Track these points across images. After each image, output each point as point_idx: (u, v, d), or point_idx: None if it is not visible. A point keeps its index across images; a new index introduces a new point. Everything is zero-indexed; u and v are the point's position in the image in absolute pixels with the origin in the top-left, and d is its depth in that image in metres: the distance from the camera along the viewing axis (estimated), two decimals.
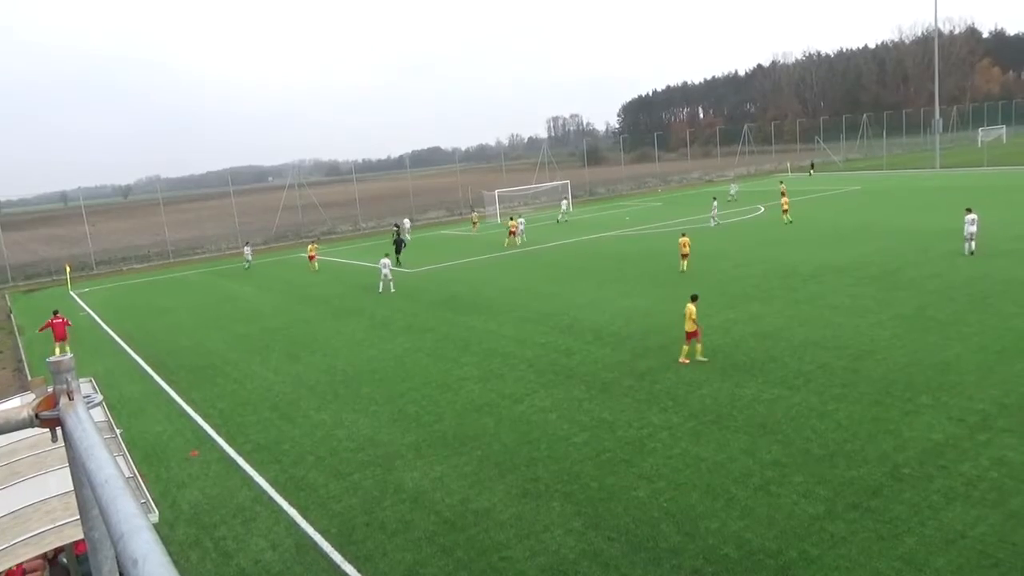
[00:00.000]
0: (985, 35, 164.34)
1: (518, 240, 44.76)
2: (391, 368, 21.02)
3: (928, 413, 14.24)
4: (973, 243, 28.79)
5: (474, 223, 56.40)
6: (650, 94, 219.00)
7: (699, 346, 18.71)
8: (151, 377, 22.73)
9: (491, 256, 41.42)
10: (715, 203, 47.23)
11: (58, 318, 26.57)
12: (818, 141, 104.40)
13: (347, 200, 72.58)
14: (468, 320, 25.91)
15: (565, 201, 62.44)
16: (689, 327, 18.51)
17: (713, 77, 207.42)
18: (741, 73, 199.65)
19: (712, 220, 45.16)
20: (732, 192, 63.45)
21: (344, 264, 44.97)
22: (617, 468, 13.27)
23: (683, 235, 31.83)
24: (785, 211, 43.38)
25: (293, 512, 12.90)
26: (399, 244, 42.63)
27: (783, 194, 46.57)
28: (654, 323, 22.79)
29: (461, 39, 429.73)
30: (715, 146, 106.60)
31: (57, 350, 26.50)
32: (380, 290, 31.73)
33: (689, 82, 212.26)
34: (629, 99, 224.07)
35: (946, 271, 26.25)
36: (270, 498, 13.55)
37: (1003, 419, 13.65)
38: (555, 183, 71.76)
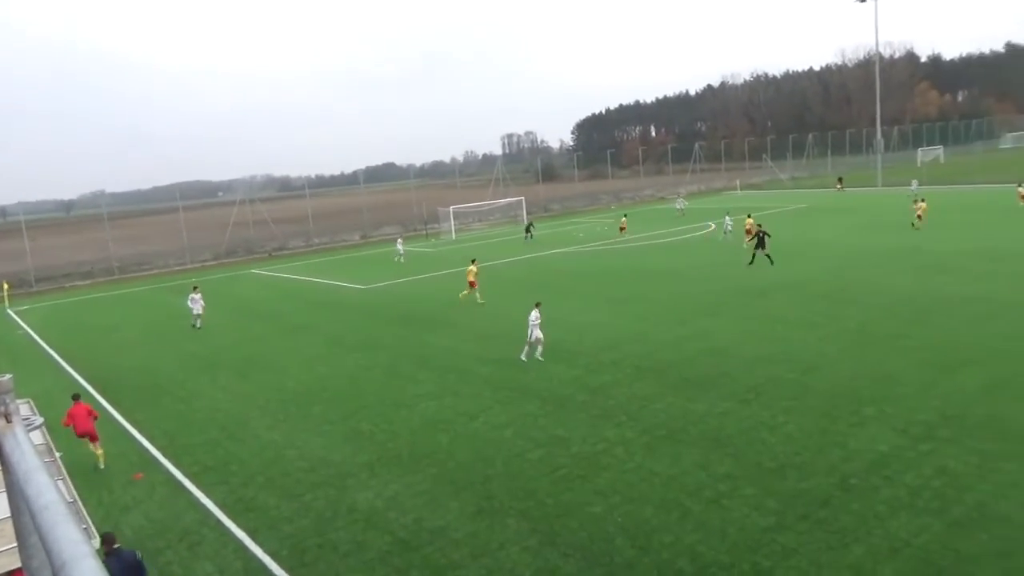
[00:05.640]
0: (923, 59, 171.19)
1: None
2: (344, 386, 20.74)
3: (873, 425, 14.62)
4: None
5: (622, 228, 52.57)
6: (603, 112, 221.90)
7: None
8: (94, 398, 21.98)
9: (447, 272, 41.31)
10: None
11: None
12: (766, 159, 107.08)
13: (299, 216, 71.71)
14: (424, 337, 25.75)
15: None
16: None
17: (664, 96, 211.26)
18: (692, 93, 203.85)
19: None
20: (679, 207, 65.56)
21: (297, 280, 44.35)
22: (572, 484, 13.28)
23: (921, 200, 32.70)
24: (920, 217, 41.96)
25: (242, 535, 12.58)
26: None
27: (921, 200, 44.50)
28: (607, 338, 22.97)
29: (415, 55, 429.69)
30: (667, 164, 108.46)
31: None
32: (534, 355, 21.41)
33: (641, 101, 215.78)
34: (583, 117, 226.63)
35: (890, 287, 27.07)
36: (218, 521, 13.20)
37: (944, 429, 14.08)
38: (510, 199, 72.10)
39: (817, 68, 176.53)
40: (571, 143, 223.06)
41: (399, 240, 52.39)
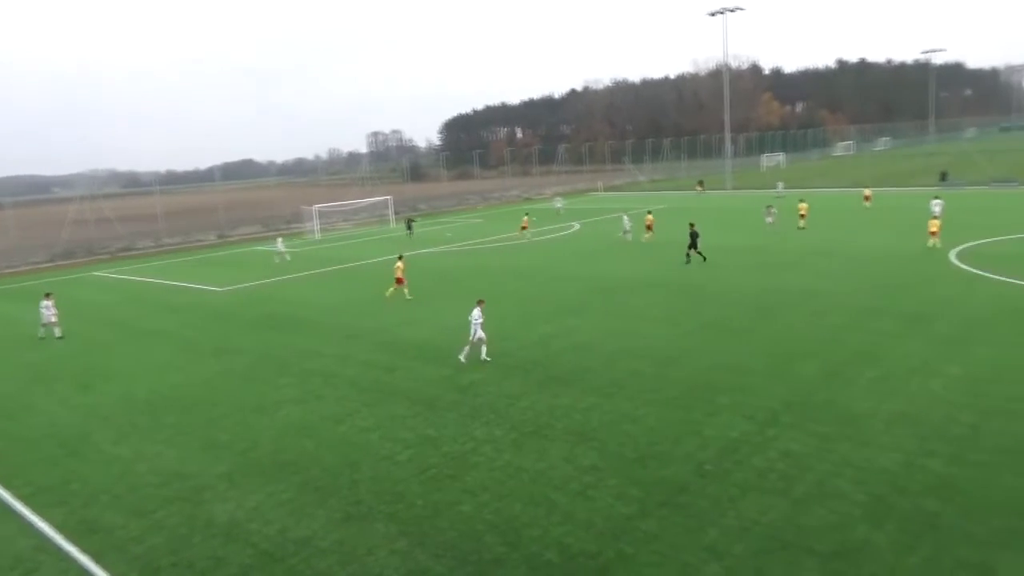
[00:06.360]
0: (766, 72, 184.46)
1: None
2: (200, 394, 19.61)
3: (726, 413, 15.50)
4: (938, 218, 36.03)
5: (524, 227, 50.08)
6: (470, 113, 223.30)
7: None
8: None
9: (310, 273, 40.09)
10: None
11: None
12: (626, 162, 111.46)
13: (148, 214, 67.39)
14: (286, 339, 24.82)
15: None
16: None
17: (531, 99, 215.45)
18: (556, 96, 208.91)
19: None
20: (558, 206, 67.38)
21: (146, 283, 41.55)
22: (442, 484, 13.21)
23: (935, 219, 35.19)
24: (803, 215, 43.47)
25: (84, 559, 11.58)
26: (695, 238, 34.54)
27: (802, 200, 46.08)
28: None
29: (276, 48, 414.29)
30: (533, 165, 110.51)
31: None
32: (477, 355, 20.45)
33: (507, 102, 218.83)
34: (450, 117, 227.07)
35: (739, 283, 28.85)
36: (57, 546, 12.09)
37: (788, 415, 15.15)
38: (376, 199, 70.96)
39: (672, 76, 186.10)
40: (438, 143, 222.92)
41: (279, 239, 49.77)
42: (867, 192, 54.21)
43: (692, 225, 34.97)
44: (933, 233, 34.28)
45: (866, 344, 19.69)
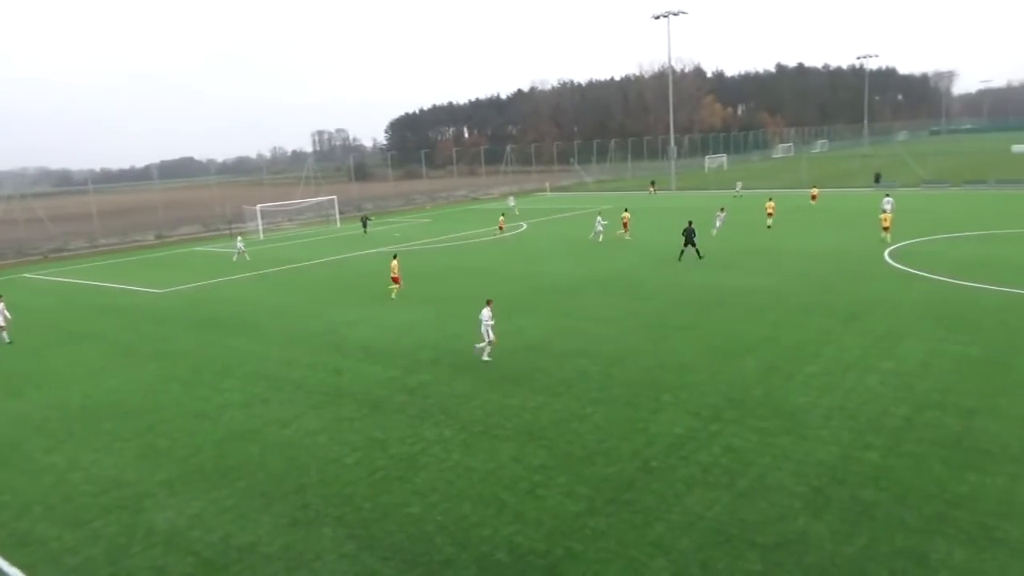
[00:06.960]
0: (709, 75, 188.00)
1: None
2: (138, 399, 19.05)
3: (670, 410, 15.77)
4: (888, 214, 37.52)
5: (500, 227, 50.08)
6: (417, 112, 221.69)
7: None
8: None
9: (253, 274, 39.28)
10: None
11: None
12: (573, 162, 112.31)
13: (82, 214, 64.97)
14: (229, 342, 24.29)
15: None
16: None
17: (477, 99, 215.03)
18: (503, 96, 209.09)
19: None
20: (511, 204, 67.32)
21: (80, 285, 40.13)
22: (391, 486, 13.11)
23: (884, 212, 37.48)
24: (770, 215, 43.98)
25: (16, 572, 11.14)
26: (690, 235, 34.28)
27: (770, 199, 46.59)
28: (424, 338, 22.95)
29: (215, 44, 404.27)
30: (480, 165, 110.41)
31: None
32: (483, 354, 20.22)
33: (454, 102, 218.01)
34: (396, 116, 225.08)
35: (683, 282, 29.38)
36: None
37: (730, 411, 15.50)
38: (321, 199, 69.94)
39: (618, 78, 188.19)
40: (384, 142, 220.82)
41: (239, 237, 48.69)
42: (814, 191, 56.38)
43: (690, 223, 34.99)
44: (885, 228, 36.37)
45: (804, 341, 20.26)
